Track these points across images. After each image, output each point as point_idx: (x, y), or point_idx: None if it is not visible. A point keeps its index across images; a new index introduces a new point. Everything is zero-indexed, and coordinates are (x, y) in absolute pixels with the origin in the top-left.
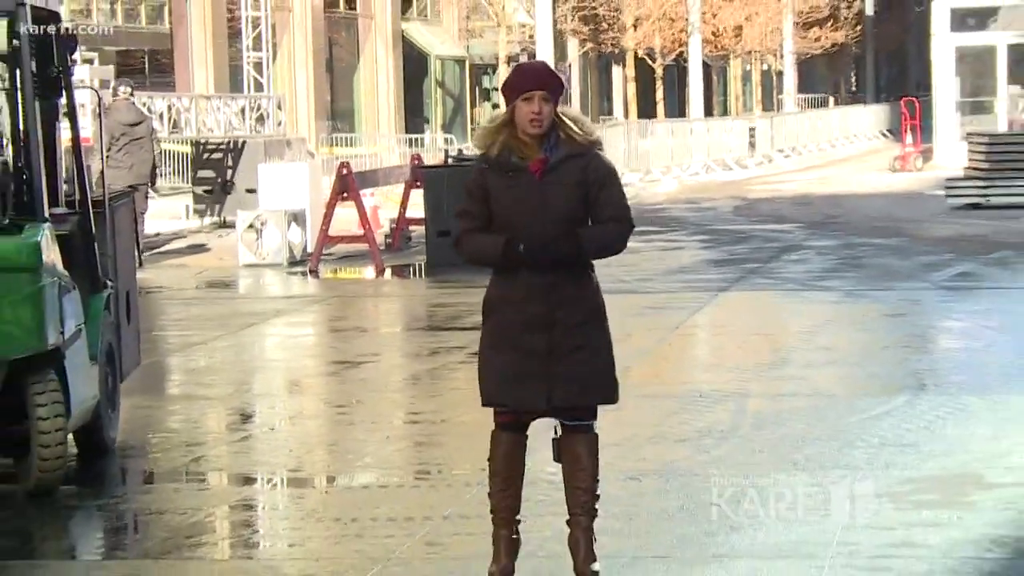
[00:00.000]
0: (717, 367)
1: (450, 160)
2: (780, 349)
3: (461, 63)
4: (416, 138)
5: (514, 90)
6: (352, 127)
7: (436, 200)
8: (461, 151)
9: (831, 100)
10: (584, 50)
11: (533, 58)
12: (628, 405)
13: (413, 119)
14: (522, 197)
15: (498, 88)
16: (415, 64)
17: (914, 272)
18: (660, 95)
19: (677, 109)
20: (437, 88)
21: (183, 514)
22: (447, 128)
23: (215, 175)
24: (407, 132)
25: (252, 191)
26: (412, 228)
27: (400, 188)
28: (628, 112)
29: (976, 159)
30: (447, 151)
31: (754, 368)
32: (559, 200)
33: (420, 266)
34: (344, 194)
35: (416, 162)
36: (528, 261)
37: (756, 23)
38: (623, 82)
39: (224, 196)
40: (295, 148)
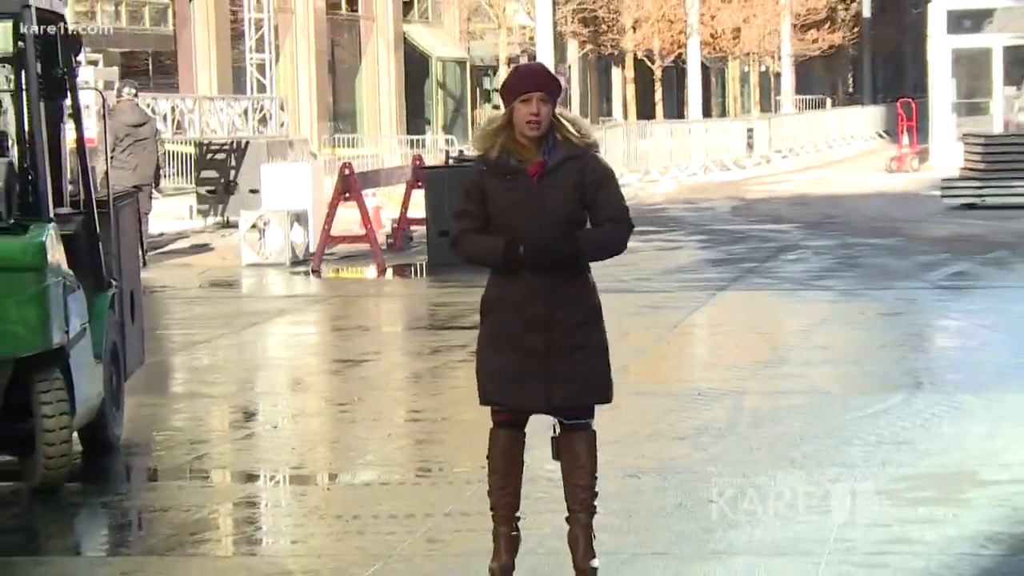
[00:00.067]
0: (715, 365)
1: (451, 161)
2: (777, 348)
3: (462, 65)
4: (417, 139)
5: (512, 92)
6: (354, 128)
7: (437, 200)
8: (462, 152)
9: (828, 101)
10: (584, 52)
11: (533, 59)
12: (627, 403)
13: (414, 120)
14: (520, 200)
15: (498, 89)
16: (416, 66)
17: (910, 272)
18: (659, 96)
19: (676, 110)
20: (438, 89)
21: (187, 511)
22: (448, 129)
23: (218, 176)
24: (408, 133)
25: (255, 191)
26: (413, 228)
27: (401, 188)
28: (627, 113)
29: (972, 160)
30: (448, 152)
31: (752, 366)
32: (557, 203)
33: (421, 266)
34: (346, 194)
35: (417, 163)
36: (528, 263)
37: (754, 25)
38: (622, 83)
39: (227, 196)
40: (297, 149)
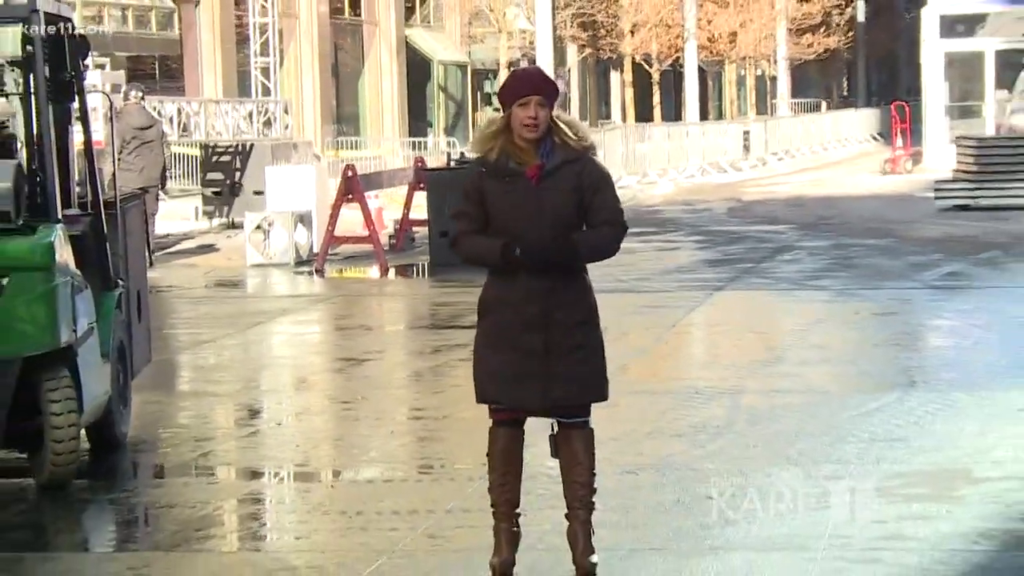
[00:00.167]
0: (712, 364)
1: (453, 163)
2: (774, 347)
3: (463, 68)
4: (419, 141)
5: (510, 96)
6: (357, 130)
7: (439, 202)
8: (463, 154)
9: (823, 104)
10: (583, 56)
11: (533, 63)
12: (625, 401)
13: (416, 123)
14: (519, 202)
15: (497, 93)
16: (418, 69)
17: (904, 272)
18: (657, 99)
19: (673, 113)
20: (440, 92)
21: (193, 507)
22: (449, 131)
23: (224, 177)
24: (410, 135)
25: (260, 193)
26: (415, 229)
27: (404, 190)
28: (626, 116)
29: (965, 162)
30: (449, 154)
31: (749, 365)
32: (555, 205)
33: (423, 266)
34: (349, 196)
35: (419, 165)
36: (526, 264)
37: (750, 29)
38: (621, 87)
39: (232, 198)
40: (301, 151)
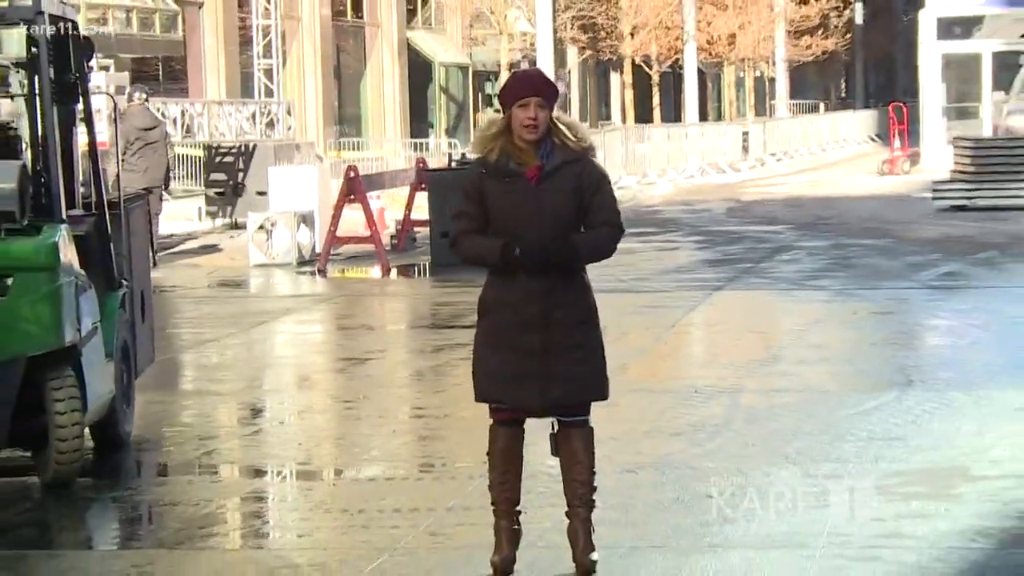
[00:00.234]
0: (711, 364)
1: (454, 164)
2: (772, 346)
3: (464, 70)
4: (421, 142)
5: (510, 97)
6: (359, 132)
7: (440, 202)
8: (464, 155)
9: (822, 106)
10: (583, 57)
11: (534, 65)
12: (625, 400)
13: (418, 124)
14: (519, 203)
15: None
16: (420, 71)
17: (902, 272)
18: (656, 101)
19: (673, 114)
20: (441, 94)
21: (196, 505)
22: (451, 133)
23: (227, 178)
24: (412, 137)
25: (262, 193)
26: (417, 229)
27: (405, 191)
28: (626, 117)
29: (962, 163)
30: (451, 155)
31: (747, 364)
32: (555, 205)
33: (424, 266)
34: (351, 196)
35: (421, 165)
36: (525, 264)
37: (749, 31)
38: (621, 88)
39: (235, 198)
40: (304, 152)
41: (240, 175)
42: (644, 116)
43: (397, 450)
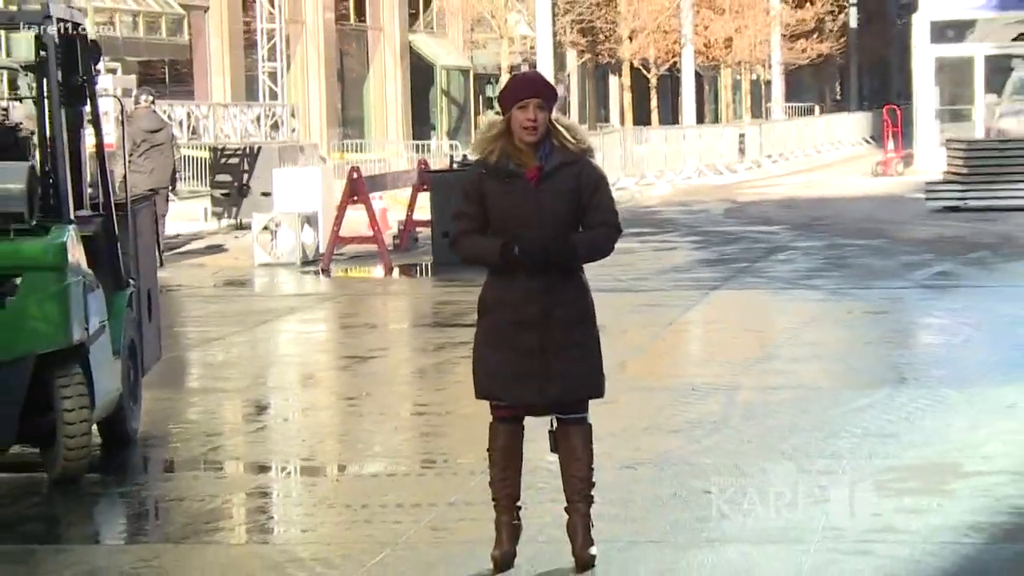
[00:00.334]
0: (708, 361)
1: (455, 165)
2: (768, 344)
3: (465, 73)
4: (423, 144)
5: (510, 98)
6: (362, 134)
7: (442, 203)
8: (465, 156)
9: (817, 108)
10: (582, 60)
11: (534, 68)
12: (624, 398)
13: (420, 126)
14: (519, 203)
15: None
16: (422, 74)
17: (896, 271)
18: (654, 103)
19: (670, 116)
20: (443, 97)
21: (202, 501)
22: (452, 135)
23: (232, 179)
24: (414, 138)
25: (267, 194)
26: (419, 229)
27: (408, 191)
28: (624, 119)
29: (955, 164)
30: (452, 156)
31: (743, 362)
32: (554, 206)
33: (426, 265)
34: (354, 197)
35: (423, 167)
36: (525, 264)
37: (745, 35)
38: (619, 91)
39: (240, 199)
40: (308, 154)
41: (245, 176)
42: (642, 118)
43: (399, 446)
